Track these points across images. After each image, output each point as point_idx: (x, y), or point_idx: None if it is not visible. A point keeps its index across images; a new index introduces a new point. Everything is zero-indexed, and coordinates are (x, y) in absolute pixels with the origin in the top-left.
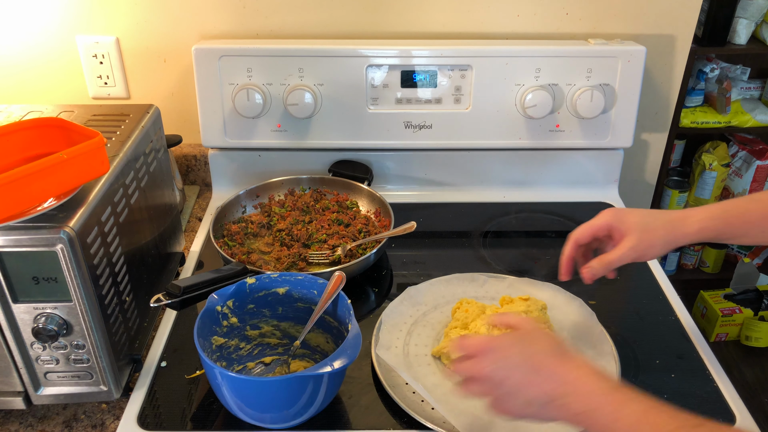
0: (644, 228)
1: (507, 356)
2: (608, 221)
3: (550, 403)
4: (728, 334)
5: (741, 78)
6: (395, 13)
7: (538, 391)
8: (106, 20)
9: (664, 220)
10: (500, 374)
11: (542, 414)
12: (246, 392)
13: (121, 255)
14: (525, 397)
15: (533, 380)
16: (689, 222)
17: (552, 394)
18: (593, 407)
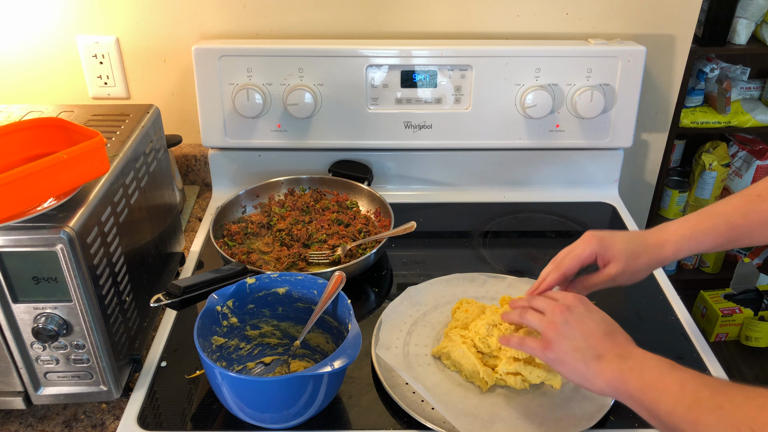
0: (630, 255)
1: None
2: (594, 251)
3: (601, 358)
4: (728, 334)
5: (741, 78)
6: (395, 13)
7: (597, 345)
8: (106, 20)
9: (646, 246)
10: (572, 318)
11: (584, 366)
12: (246, 392)
13: (121, 255)
14: (581, 344)
15: (600, 337)
16: (666, 247)
17: (608, 351)
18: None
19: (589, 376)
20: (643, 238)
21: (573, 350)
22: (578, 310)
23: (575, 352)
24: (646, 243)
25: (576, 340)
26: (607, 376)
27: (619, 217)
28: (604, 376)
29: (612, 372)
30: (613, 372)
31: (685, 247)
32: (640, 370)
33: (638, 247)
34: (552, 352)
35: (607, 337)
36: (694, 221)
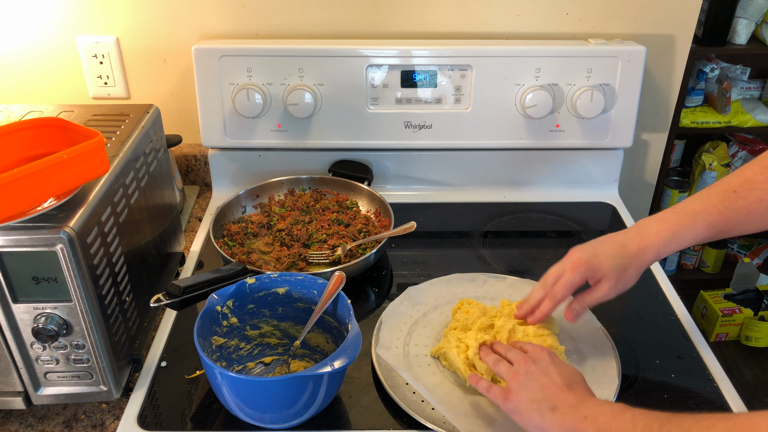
0: (618, 270)
1: (554, 364)
2: (584, 275)
3: (555, 409)
4: (728, 334)
5: (741, 78)
6: (395, 13)
7: (554, 396)
8: (106, 20)
9: (631, 257)
10: (534, 369)
11: (539, 417)
12: (246, 392)
13: (121, 255)
14: (538, 396)
15: (558, 388)
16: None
17: (563, 402)
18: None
19: (545, 426)
20: (626, 248)
21: (530, 401)
22: (542, 362)
23: (531, 403)
24: (631, 253)
25: (534, 392)
26: (561, 427)
27: (619, 217)
28: (559, 427)
29: (566, 422)
30: (566, 422)
31: (666, 249)
32: (594, 417)
33: (624, 260)
34: (511, 403)
35: (565, 388)
36: (674, 222)
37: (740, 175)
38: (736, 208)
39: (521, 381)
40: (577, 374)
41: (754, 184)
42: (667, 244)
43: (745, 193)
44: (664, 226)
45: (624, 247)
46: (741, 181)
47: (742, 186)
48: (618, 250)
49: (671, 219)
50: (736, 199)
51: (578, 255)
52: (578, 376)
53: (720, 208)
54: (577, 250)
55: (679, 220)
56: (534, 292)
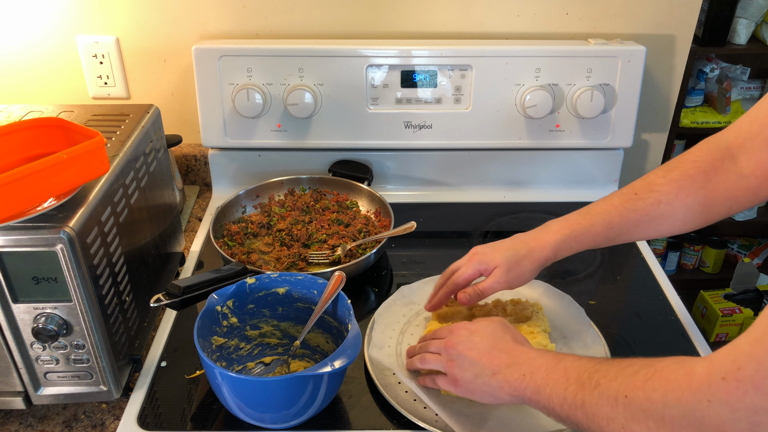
0: (511, 261)
1: (472, 333)
2: (477, 268)
3: (496, 374)
4: (728, 334)
5: (741, 78)
6: (395, 13)
7: (489, 363)
8: (106, 20)
9: (527, 250)
10: (461, 348)
11: (487, 386)
12: (246, 392)
13: (121, 255)
14: (477, 369)
15: (489, 354)
16: (546, 248)
17: (499, 365)
18: (529, 371)
19: (494, 393)
20: (523, 243)
21: (474, 377)
22: (462, 336)
23: (476, 378)
24: (527, 247)
25: (472, 367)
26: (507, 387)
27: None
28: (505, 388)
29: (509, 383)
30: (509, 383)
31: (565, 247)
32: (531, 374)
33: (519, 252)
34: (461, 387)
35: (495, 351)
36: (574, 220)
37: (644, 179)
38: (634, 209)
39: (457, 365)
40: (496, 328)
41: (655, 186)
42: (565, 242)
43: (644, 195)
44: (563, 225)
45: (522, 242)
46: (644, 184)
47: (643, 188)
48: (515, 245)
49: (573, 217)
50: (635, 200)
51: (476, 250)
52: (498, 330)
53: (620, 209)
54: (480, 247)
55: (578, 219)
56: (436, 284)
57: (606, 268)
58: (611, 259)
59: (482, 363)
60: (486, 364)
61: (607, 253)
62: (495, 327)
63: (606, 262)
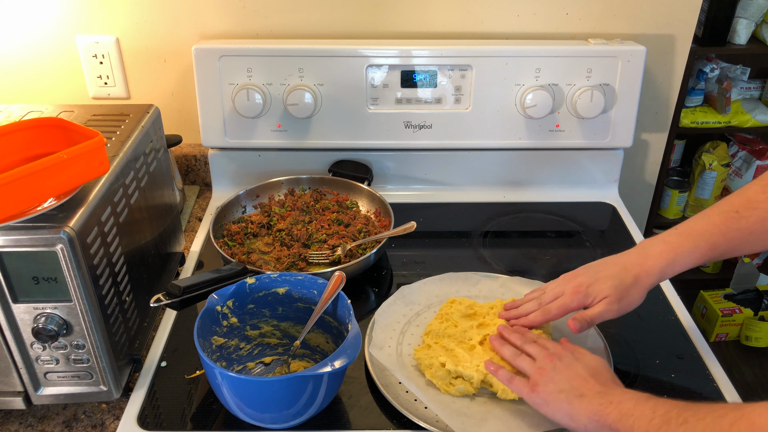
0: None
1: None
2: (582, 301)
3: (582, 396)
4: (728, 334)
5: (741, 78)
6: (395, 13)
7: (579, 386)
8: (106, 20)
9: (632, 278)
10: (560, 365)
11: (569, 405)
12: (246, 392)
13: (121, 255)
14: (565, 386)
15: (583, 379)
16: (652, 274)
17: (589, 391)
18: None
19: (573, 413)
20: (627, 271)
21: (558, 392)
22: (567, 358)
23: (560, 393)
24: (632, 275)
25: (561, 383)
26: (589, 411)
27: (619, 217)
28: (586, 411)
29: (593, 407)
30: (593, 407)
31: (669, 272)
32: (618, 402)
33: (625, 281)
34: (538, 395)
35: (591, 378)
36: (676, 243)
37: (742, 195)
38: (738, 228)
39: (548, 375)
40: (600, 364)
41: (757, 204)
42: (670, 266)
43: (747, 213)
44: (666, 248)
45: (625, 270)
46: (743, 201)
47: (744, 206)
48: (620, 273)
49: (673, 240)
50: (738, 219)
51: (580, 280)
52: (602, 366)
53: (722, 228)
54: (581, 274)
55: (681, 242)
56: (528, 303)
57: None
58: None
59: (573, 384)
60: (576, 386)
61: (608, 253)
62: (599, 363)
63: None
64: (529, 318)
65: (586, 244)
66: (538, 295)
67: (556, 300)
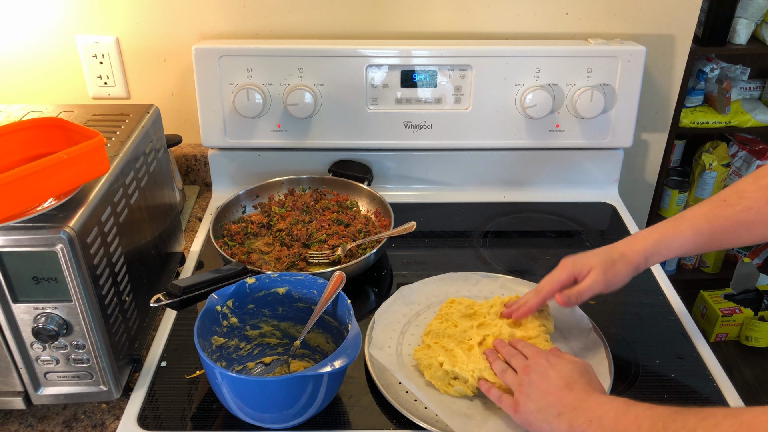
0: (606, 264)
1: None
2: (570, 272)
3: (560, 415)
4: (728, 334)
5: (741, 78)
6: (395, 13)
7: (556, 402)
8: (106, 20)
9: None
10: (534, 377)
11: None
12: (246, 392)
13: (121, 255)
14: (542, 404)
15: (558, 392)
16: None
17: (566, 407)
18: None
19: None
20: (615, 249)
21: (536, 411)
22: (540, 367)
23: (538, 413)
24: (619, 251)
25: (538, 401)
26: (570, 430)
27: (619, 217)
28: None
29: (573, 426)
30: (573, 426)
31: (654, 252)
32: (598, 419)
33: (612, 255)
34: (520, 415)
35: (565, 390)
36: (664, 228)
37: (733, 186)
38: (724, 216)
39: (525, 392)
40: (575, 369)
41: (745, 193)
42: (654, 247)
43: (734, 201)
44: (652, 231)
45: (612, 248)
46: (732, 191)
47: (732, 195)
48: (607, 250)
49: (662, 225)
50: (725, 207)
51: (568, 258)
52: (576, 372)
53: (708, 216)
54: (568, 256)
55: (667, 226)
56: (526, 294)
57: None
58: None
59: (549, 400)
60: (552, 401)
61: None
62: (573, 367)
63: None
64: (527, 302)
65: (586, 244)
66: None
67: (548, 275)
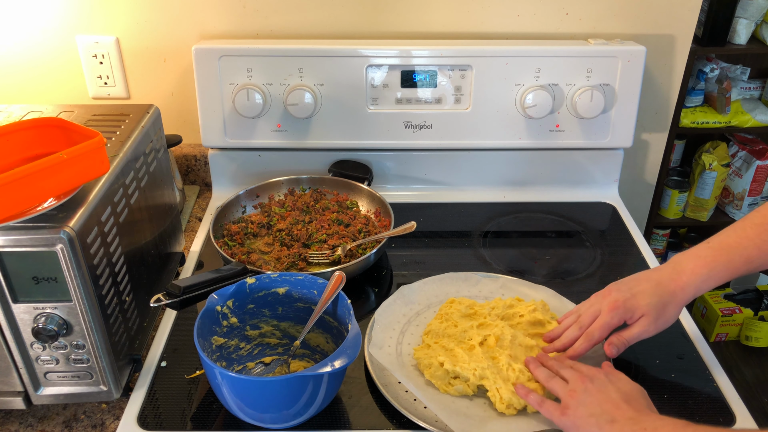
0: (658, 309)
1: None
2: (622, 317)
3: (614, 422)
4: (728, 334)
5: (741, 78)
6: (395, 13)
7: (612, 411)
8: (106, 20)
9: (669, 295)
10: (592, 387)
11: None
12: (246, 392)
13: (121, 255)
14: (596, 410)
15: (615, 404)
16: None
17: (622, 416)
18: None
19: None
20: (663, 287)
21: (588, 416)
22: (599, 380)
23: (590, 417)
24: (668, 292)
25: (592, 407)
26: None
27: (619, 217)
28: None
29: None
30: None
31: (704, 287)
32: (653, 429)
33: (662, 298)
34: (568, 418)
35: (624, 403)
36: (710, 258)
37: None
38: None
39: (579, 398)
40: (635, 389)
41: None
42: (705, 282)
43: None
44: (699, 263)
45: (660, 286)
46: None
47: None
48: (655, 289)
49: (707, 255)
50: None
51: (615, 296)
52: (636, 392)
53: (756, 241)
54: (614, 290)
55: (714, 256)
56: (568, 330)
57: (606, 268)
58: (611, 260)
59: (605, 408)
60: (608, 410)
61: (608, 253)
62: (633, 387)
63: (606, 263)
64: (575, 347)
65: (586, 244)
66: (575, 319)
67: (596, 321)
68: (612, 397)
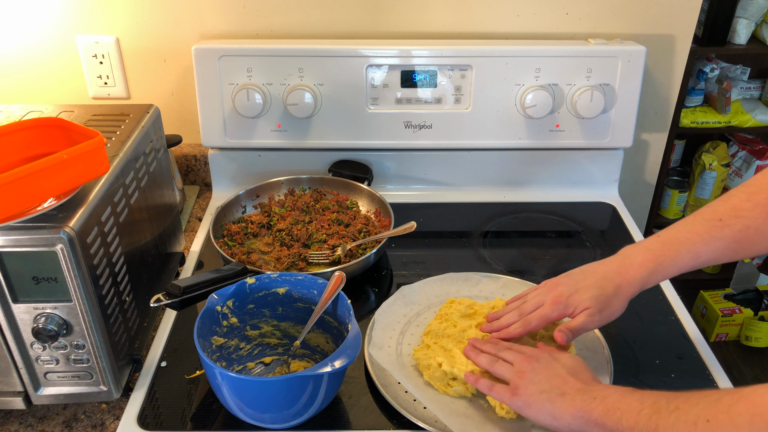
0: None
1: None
2: (562, 312)
3: (564, 395)
4: (728, 334)
5: (741, 78)
6: (395, 13)
7: (560, 385)
8: (106, 20)
9: (614, 287)
10: (539, 366)
11: (550, 404)
12: (246, 392)
13: (121, 255)
14: (545, 386)
15: (563, 378)
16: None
17: (571, 388)
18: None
19: (556, 413)
20: (608, 281)
21: (539, 392)
22: (544, 358)
23: (541, 394)
24: (613, 284)
25: (542, 384)
26: (572, 408)
27: (619, 217)
28: (569, 409)
29: (576, 404)
30: (576, 404)
31: (651, 280)
32: (603, 397)
33: (606, 290)
34: (519, 398)
35: (571, 377)
36: (658, 252)
37: (726, 202)
38: (721, 237)
39: (528, 377)
40: (579, 363)
41: (741, 212)
42: (651, 275)
43: (731, 222)
44: (648, 256)
45: (606, 279)
46: (727, 209)
47: (728, 214)
48: (600, 282)
49: (655, 248)
50: (721, 227)
51: (561, 290)
52: (581, 366)
53: (705, 237)
54: (562, 284)
55: (663, 250)
56: (509, 314)
57: None
58: None
59: (554, 383)
60: (557, 385)
61: (608, 253)
62: (577, 362)
63: None
64: (510, 330)
65: (586, 244)
66: (519, 304)
67: (537, 311)
68: (559, 372)
